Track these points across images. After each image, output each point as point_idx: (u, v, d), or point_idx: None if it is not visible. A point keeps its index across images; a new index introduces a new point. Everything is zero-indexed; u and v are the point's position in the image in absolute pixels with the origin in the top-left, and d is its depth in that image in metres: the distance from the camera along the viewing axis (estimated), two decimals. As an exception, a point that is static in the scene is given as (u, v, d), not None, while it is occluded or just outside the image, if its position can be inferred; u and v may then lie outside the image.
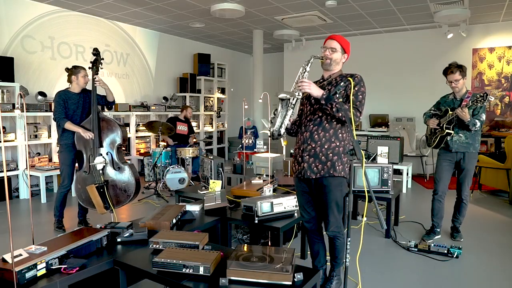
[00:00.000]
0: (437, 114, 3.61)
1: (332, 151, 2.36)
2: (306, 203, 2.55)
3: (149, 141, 7.67)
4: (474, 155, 3.48)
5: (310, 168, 2.39)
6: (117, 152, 3.76)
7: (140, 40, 7.79)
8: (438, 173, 3.61)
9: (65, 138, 3.78)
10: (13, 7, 5.65)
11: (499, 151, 6.57)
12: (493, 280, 2.84)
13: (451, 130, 3.42)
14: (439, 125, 3.50)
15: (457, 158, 3.50)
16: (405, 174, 5.85)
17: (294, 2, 6.04)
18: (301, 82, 2.26)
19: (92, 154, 3.67)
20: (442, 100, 3.63)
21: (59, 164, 3.88)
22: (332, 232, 2.47)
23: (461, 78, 3.37)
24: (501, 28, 7.24)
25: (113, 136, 3.76)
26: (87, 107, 3.86)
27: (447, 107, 3.50)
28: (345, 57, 2.45)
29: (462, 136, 3.42)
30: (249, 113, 9.13)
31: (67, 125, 3.69)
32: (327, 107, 2.27)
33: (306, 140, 2.41)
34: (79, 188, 3.71)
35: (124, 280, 2.11)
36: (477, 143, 3.45)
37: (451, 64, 3.43)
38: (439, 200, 3.61)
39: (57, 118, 3.71)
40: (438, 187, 3.59)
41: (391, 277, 2.88)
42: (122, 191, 3.71)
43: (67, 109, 3.75)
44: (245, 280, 1.75)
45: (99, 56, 3.85)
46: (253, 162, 4.86)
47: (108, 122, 3.77)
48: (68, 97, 3.78)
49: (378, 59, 8.40)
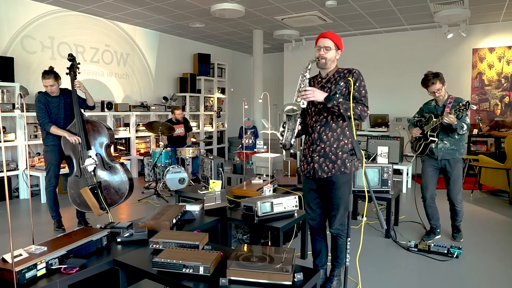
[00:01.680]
0: (421, 120, 3.60)
1: (341, 149, 2.38)
2: (312, 200, 2.57)
3: (149, 141, 7.67)
4: (460, 161, 3.47)
5: (321, 168, 2.41)
6: (106, 152, 3.76)
7: (140, 40, 7.79)
8: (424, 180, 3.61)
9: (50, 140, 3.78)
10: (13, 7, 5.65)
11: (499, 151, 6.57)
12: (493, 280, 2.84)
13: (435, 138, 3.41)
14: (423, 133, 3.50)
15: (441, 165, 3.50)
16: (405, 174, 5.85)
17: (294, 2, 6.04)
18: (304, 91, 2.27)
19: (81, 157, 3.66)
20: (425, 107, 3.62)
21: (45, 164, 3.86)
22: (336, 230, 2.48)
23: (441, 85, 3.34)
24: (501, 28, 7.24)
25: (99, 137, 3.76)
26: (69, 109, 3.84)
27: (430, 113, 3.49)
28: (339, 53, 2.44)
29: (447, 143, 3.42)
30: (249, 113, 9.13)
31: (53, 130, 3.67)
32: (335, 109, 2.30)
33: (315, 141, 2.42)
34: (72, 193, 3.70)
35: (124, 280, 2.11)
36: (462, 149, 3.45)
37: (428, 75, 3.37)
38: (430, 206, 3.62)
39: (42, 123, 3.69)
40: (426, 193, 3.60)
41: (391, 277, 2.88)
42: (115, 190, 3.70)
43: (49, 112, 3.73)
44: (245, 280, 1.75)
45: (74, 61, 3.79)
46: (253, 162, 4.86)
47: (93, 124, 3.76)
48: (48, 101, 3.75)
49: (378, 59, 8.40)
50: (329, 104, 2.27)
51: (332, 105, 2.27)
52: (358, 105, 2.34)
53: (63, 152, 3.77)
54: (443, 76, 3.35)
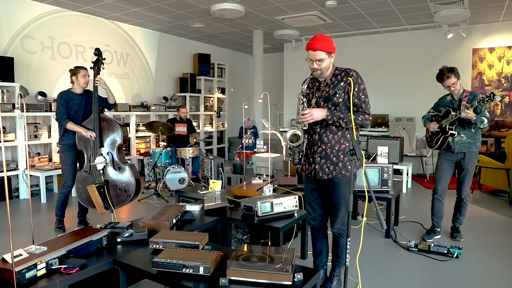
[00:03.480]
0: (437, 115, 3.61)
1: (342, 152, 2.38)
2: (313, 200, 2.57)
3: (149, 141, 7.68)
4: (475, 155, 3.48)
5: (322, 169, 2.41)
6: (117, 152, 3.76)
7: (140, 40, 7.79)
8: (438, 173, 3.61)
9: (66, 138, 3.79)
10: (13, 7, 5.65)
11: (499, 151, 6.57)
12: (493, 280, 2.84)
13: (454, 131, 3.42)
14: (441, 127, 3.51)
15: (457, 158, 3.51)
16: (405, 174, 5.85)
17: (294, 2, 6.04)
18: (303, 116, 2.31)
19: (93, 154, 3.67)
20: (440, 101, 3.63)
21: (61, 164, 3.89)
22: (337, 230, 2.49)
23: (456, 80, 3.37)
24: (501, 28, 7.24)
25: (113, 136, 3.76)
26: (89, 108, 3.86)
27: (447, 108, 3.50)
28: (333, 56, 2.37)
29: (463, 136, 3.43)
30: (249, 113, 9.13)
31: (69, 125, 3.70)
32: (336, 124, 2.33)
33: (316, 143, 2.42)
34: (79, 187, 3.71)
35: (124, 280, 2.11)
36: (478, 142, 3.46)
37: (443, 69, 3.41)
38: (439, 200, 3.61)
39: (59, 118, 3.72)
40: (438, 186, 3.60)
41: (391, 277, 2.88)
42: (122, 191, 3.71)
43: (69, 109, 3.76)
44: (245, 280, 1.75)
45: (100, 56, 3.84)
46: (253, 162, 4.85)
47: (109, 122, 3.78)
48: (70, 98, 3.79)
49: (378, 59, 8.40)
50: (330, 121, 2.31)
51: (333, 122, 2.31)
52: (359, 115, 2.33)
53: (77, 150, 3.78)
54: (457, 71, 3.39)
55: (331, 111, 2.31)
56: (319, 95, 2.41)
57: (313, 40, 2.32)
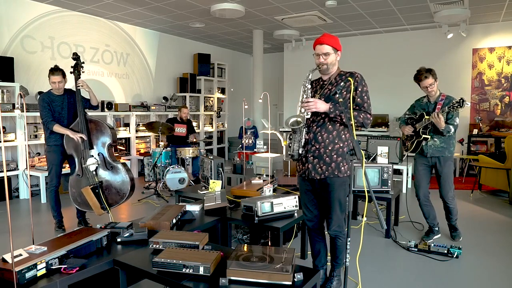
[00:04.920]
0: (412, 118, 3.61)
1: (336, 152, 2.37)
2: (309, 201, 2.56)
3: (149, 141, 7.67)
4: (450, 159, 3.47)
5: (315, 169, 2.41)
6: (108, 152, 3.75)
7: (140, 40, 7.79)
8: (416, 179, 3.62)
9: (53, 140, 3.79)
10: (13, 7, 5.65)
11: (499, 151, 6.57)
12: (493, 280, 2.84)
13: (427, 135, 3.42)
14: (415, 130, 3.51)
15: (432, 162, 3.51)
16: (405, 174, 5.84)
17: (294, 2, 6.04)
18: (307, 103, 2.29)
19: (84, 157, 3.66)
20: (416, 103, 3.64)
21: (47, 164, 3.87)
22: (333, 232, 2.48)
23: (434, 81, 3.37)
24: (501, 28, 7.23)
25: (102, 136, 3.75)
26: (72, 108, 3.84)
27: (422, 111, 3.50)
28: (339, 54, 2.43)
29: (437, 140, 3.42)
30: (249, 113, 9.13)
31: (56, 128, 3.68)
32: (337, 119, 2.32)
33: (310, 141, 2.42)
34: (73, 192, 3.69)
35: (124, 280, 2.11)
36: (451, 147, 3.45)
37: (421, 70, 3.40)
38: (425, 204, 3.62)
39: (45, 121, 3.70)
40: (419, 192, 3.60)
41: (391, 277, 2.88)
42: (117, 190, 3.70)
43: (52, 111, 3.74)
44: (245, 280, 1.75)
45: (79, 60, 3.79)
46: (253, 162, 4.86)
47: (96, 123, 3.76)
48: (52, 100, 3.77)
49: (378, 59, 8.40)
50: (332, 114, 2.30)
51: (335, 115, 2.30)
52: (361, 113, 2.34)
53: (65, 152, 3.77)
54: (435, 72, 3.38)
55: (334, 105, 2.31)
56: (322, 92, 2.43)
57: (320, 36, 2.40)
